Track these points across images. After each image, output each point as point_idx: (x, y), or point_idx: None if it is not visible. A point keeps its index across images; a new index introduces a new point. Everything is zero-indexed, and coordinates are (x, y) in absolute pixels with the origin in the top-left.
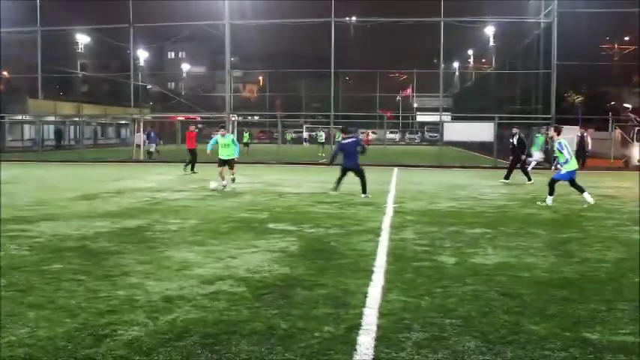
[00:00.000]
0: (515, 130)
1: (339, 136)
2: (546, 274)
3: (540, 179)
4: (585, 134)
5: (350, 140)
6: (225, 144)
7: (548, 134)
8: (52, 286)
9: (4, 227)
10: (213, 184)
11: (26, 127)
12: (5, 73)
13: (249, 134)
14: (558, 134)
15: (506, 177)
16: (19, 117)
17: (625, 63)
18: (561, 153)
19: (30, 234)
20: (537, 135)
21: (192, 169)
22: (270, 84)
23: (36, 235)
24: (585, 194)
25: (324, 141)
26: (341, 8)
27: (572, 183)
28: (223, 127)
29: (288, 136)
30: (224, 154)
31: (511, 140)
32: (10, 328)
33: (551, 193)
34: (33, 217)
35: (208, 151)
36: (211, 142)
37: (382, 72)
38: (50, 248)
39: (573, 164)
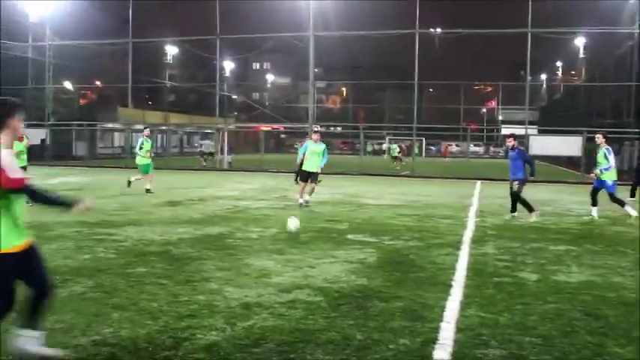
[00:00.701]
0: None
1: None
2: (634, 295)
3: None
4: None
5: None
6: (316, 152)
7: None
8: (136, 288)
9: (93, 230)
10: (292, 224)
11: (116, 134)
12: (98, 83)
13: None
14: (606, 140)
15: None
16: (110, 125)
17: None
18: (606, 159)
19: (116, 238)
20: None
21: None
22: (353, 95)
23: (122, 240)
24: (627, 207)
25: (396, 155)
26: (426, 19)
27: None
28: (318, 131)
29: (369, 148)
30: (311, 165)
31: None
32: (95, 328)
33: (623, 205)
34: (119, 222)
35: (298, 161)
36: (301, 149)
37: (466, 84)
38: (135, 252)
39: (615, 174)
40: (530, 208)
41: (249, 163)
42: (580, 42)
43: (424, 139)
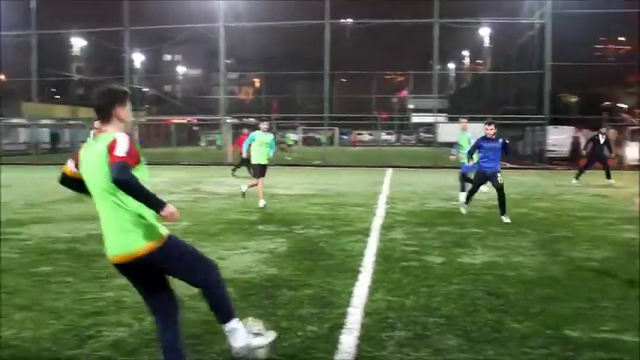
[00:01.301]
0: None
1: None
2: (533, 273)
3: (530, 180)
4: (579, 134)
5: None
6: (265, 142)
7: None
8: (40, 288)
9: None
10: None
11: (22, 130)
12: (2, 77)
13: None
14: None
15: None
16: (14, 120)
17: (620, 63)
18: (469, 144)
19: (21, 237)
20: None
21: (234, 170)
22: (266, 86)
23: (27, 238)
24: (461, 195)
25: (292, 143)
26: (336, 10)
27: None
28: (267, 119)
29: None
30: (262, 156)
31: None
32: None
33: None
34: (25, 220)
35: (244, 153)
36: (247, 139)
37: (378, 73)
38: (40, 251)
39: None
40: (469, 197)
41: (160, 156)
42: (485, 32)
43: (337, 128)
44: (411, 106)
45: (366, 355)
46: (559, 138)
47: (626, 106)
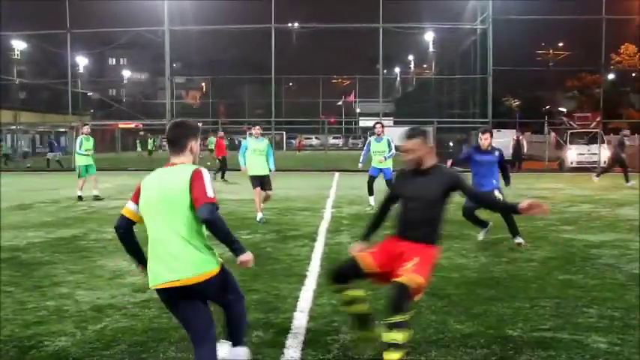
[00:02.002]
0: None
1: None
2: (475, 275)
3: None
4: (521, 137)
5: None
6: (258, 150)
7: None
8: None
9: None
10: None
11: None
12: None
13: (154, 141)
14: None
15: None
16: None
17: (559, 68)
18: (389, 147)
19: None
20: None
21: (222, 177)
22: (213, 90)
23: None
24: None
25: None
26: (282, 14)
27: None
28: (258, 124)
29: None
30: (257, 167)
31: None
32: None
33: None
34: None
35: (243, 168)
36: (241, 150)
37: (324, 77)
38: None
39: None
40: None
41: (105, 162)
42: (429, 37)
43: (284, 132)
44: (358, 110)
45: (311, 359)
46: (502, 141)
47: (565, 110)
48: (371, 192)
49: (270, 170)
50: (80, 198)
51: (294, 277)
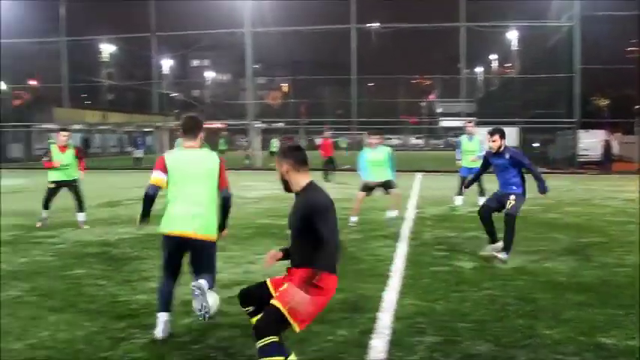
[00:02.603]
0: None
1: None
2: (564, 279)
3: (560, 183)
4: (611, 138)
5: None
6: (377, 162)
7: None
8: (74, 290)
9: (30, 234)
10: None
11: (53, 135)
12: (35, 82)
13: (225, 141)
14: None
15: None
16: (46, 126)
17: None
18: (480, 148)
19: (54, 240)
20: None
21: (326, 177)
22: (294, 91)
23: (60, 242)
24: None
25: (275, 150)
26: (363, 15)
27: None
28: (376, 132)
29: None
30: (376, 175)
31: None
32: (31, 331)
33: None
34: (58, 224)
35: (364, 181)
36: (360, 163)
37: (405, 77)
38: (73, 254)
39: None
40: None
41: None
42: (513, 35)
43: (365, 133)
44: (439, 110)
45: (396, 359)
46: (590, 142)
47: None
48: (460, 192)
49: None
50: None
51: (378, 277)
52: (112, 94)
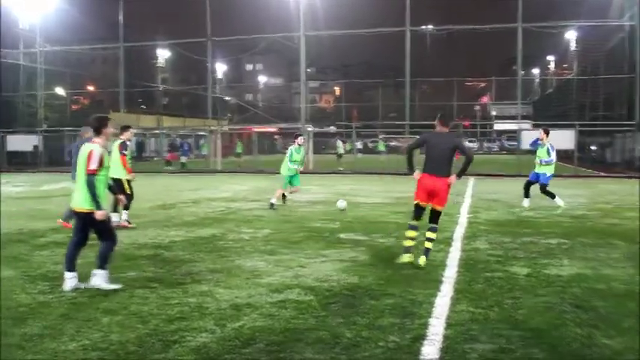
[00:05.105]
0: None
1: None
2: (624, 286)
3: (623, 187)
4: None
5: None
6: None
7: None
8: (126, 292)
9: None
10: (341, 204)
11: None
12: (90, 88)
13: (240, 144)
14: (547, 135)
15: None
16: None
17: None
18: (549, 154)
19: None
20: None
21: None
22: (347, 94)
23: None
24: (557, 199)
25: (342, 152)
26: (417, 17)
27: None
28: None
29: (348, 146)
30: None
31: None
32: (85, 332)
33: (553, 197)
34: None
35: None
36: None
37: (459, 80)
38: (126, 256)
39: (554, 169)
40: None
41: (243, 164)
42: (571, 35)
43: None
44: (493, 113)
45: None
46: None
47: None
48: (526, 194)
49: None
50: (272, 205)
51: (430, 282)
52: (166, 99)
